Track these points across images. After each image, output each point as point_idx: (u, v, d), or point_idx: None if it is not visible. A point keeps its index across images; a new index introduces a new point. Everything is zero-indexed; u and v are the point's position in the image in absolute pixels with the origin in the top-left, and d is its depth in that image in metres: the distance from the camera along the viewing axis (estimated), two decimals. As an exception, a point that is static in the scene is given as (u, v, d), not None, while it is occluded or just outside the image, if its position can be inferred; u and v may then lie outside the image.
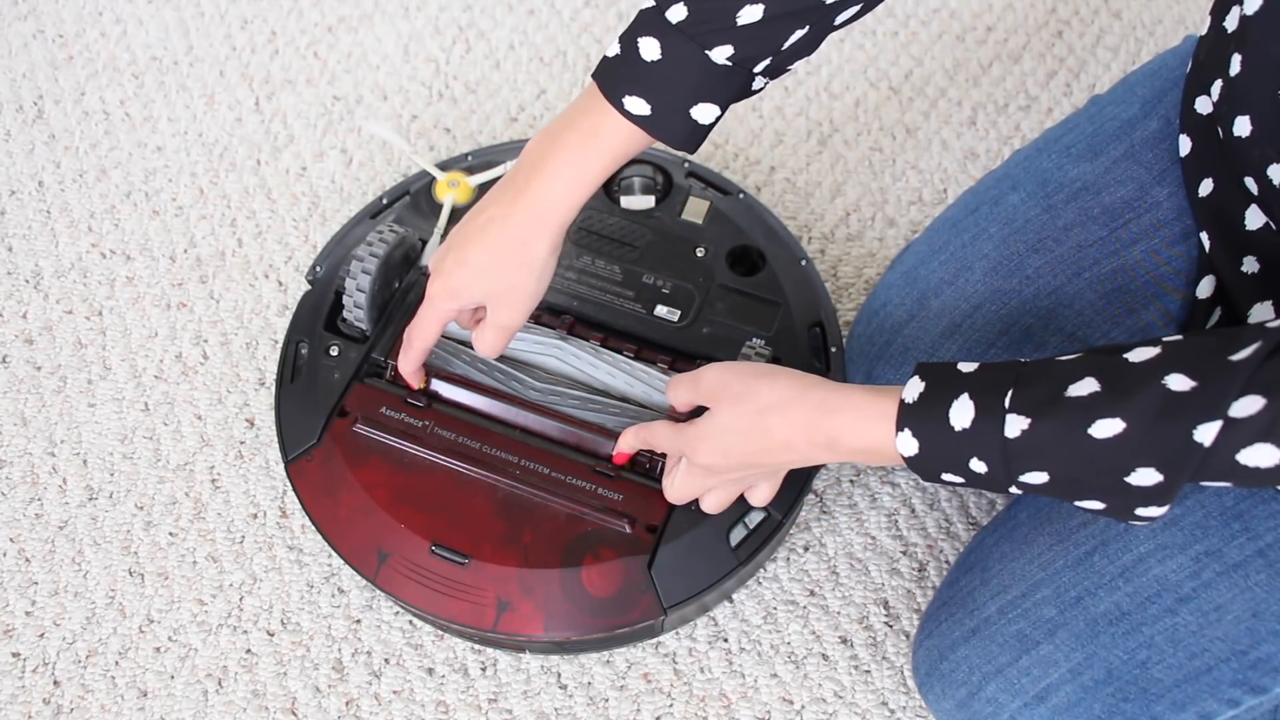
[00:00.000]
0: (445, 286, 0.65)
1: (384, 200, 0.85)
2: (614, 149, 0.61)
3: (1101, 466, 0.48)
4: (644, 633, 0.75)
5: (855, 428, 0.55)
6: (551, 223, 0.62)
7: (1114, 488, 0.48)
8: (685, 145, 0.61)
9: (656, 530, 0.70)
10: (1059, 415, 0.48)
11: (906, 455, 0.53)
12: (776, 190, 1.02)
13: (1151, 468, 0.47)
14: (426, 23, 1.13)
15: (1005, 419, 0.50)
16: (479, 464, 0.72)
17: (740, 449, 0.59)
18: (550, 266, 0.65)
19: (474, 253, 0.64)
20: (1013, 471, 0.50)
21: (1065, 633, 0.62)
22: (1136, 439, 0.47)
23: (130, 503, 0.86)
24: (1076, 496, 0.50)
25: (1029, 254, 0.72)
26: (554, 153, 0.61)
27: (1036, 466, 0.50)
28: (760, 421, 0.57)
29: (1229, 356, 0.45)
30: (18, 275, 0.97)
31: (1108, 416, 0.47)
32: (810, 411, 0.56)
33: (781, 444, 0.57)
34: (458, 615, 0.69)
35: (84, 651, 0.80)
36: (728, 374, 0.60)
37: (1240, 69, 0.57)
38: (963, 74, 1.09)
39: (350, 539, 0.71)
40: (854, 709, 0.77)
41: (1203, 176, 0.66)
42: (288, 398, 0.76)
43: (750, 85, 0.61)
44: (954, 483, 0.54)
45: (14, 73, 1.10)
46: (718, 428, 0.59)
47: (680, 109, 0.59)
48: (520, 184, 0.62)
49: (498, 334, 0.67)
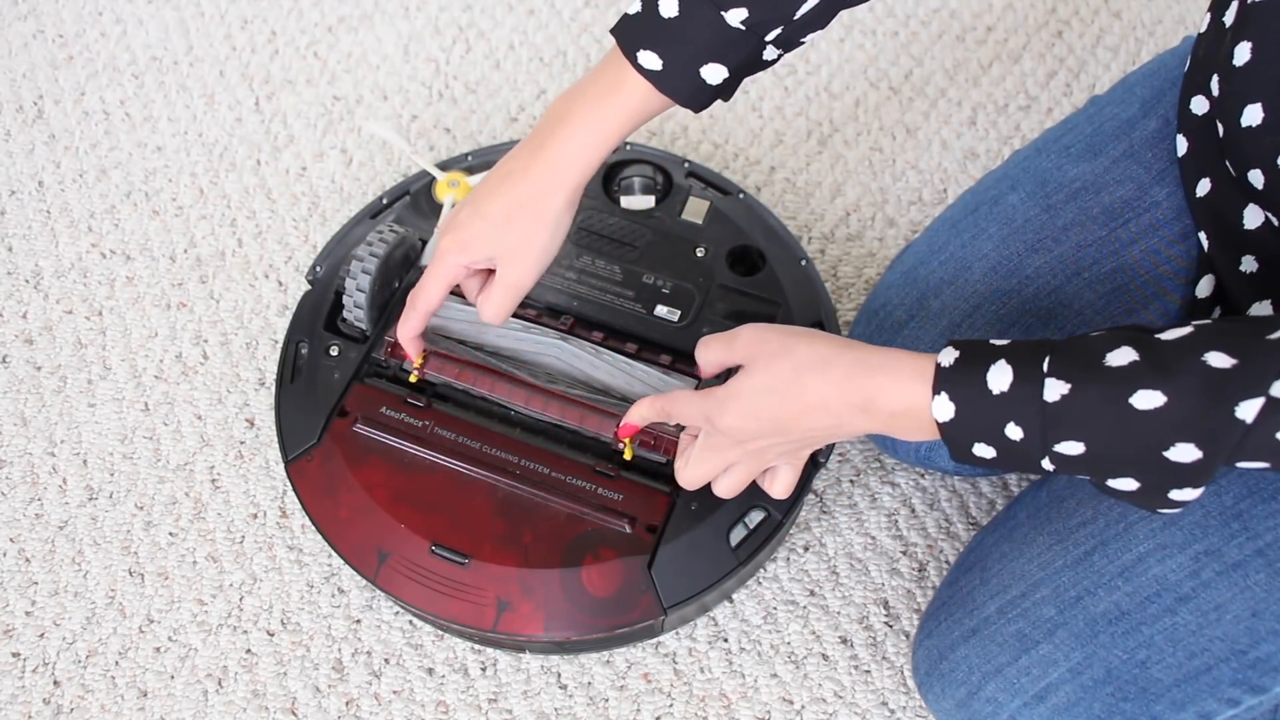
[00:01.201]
0: (457, 238, 0.64)
1: (384, 200, 0.85)
2: (630, 106, 0.62)
3: (1141, 440, 0.47)
4: (644, 633, 0.75)
5: (893, 388, 0.54)
6: (569, 178, 0.63)
7: (1151, 463, 0.48)
8: (690, 103, 0.62)
9: (656, 530, 0.70)
10: (1099, 382, 0.48)
11: (941, 421, 0.52)
12: (776, 190, 1.02)
13: (1191, 444, 0.46)
14: (426, 23, 1.13)
15: (1044, 383, 0.49)
16: (479, 464, 0.72)
17: (773, 409, 0.57)
18: (565, 225, 0.64)
19: (490, 204, 0.64)
20: (1049, 440, 0.50)
21: (1065, 632, 0.62)
22: (1178, 413, 0.46)
23: (130, 503, 0.86)
24: (1111, 473, 0.50)
25: (1028, 254, 0.72)
26: (574, 110, 0.62)
27: (1074, 435, 0.49)
28: (797, 379, 0.56)
29: (1267, 336, 0.45)
30: (18, 275, 0.97)
31: (1149, 388, 0.47)
32: (848, 370, 0.55)
33: (818, 403, 0.55)
34: (458, 615, 0.69)
35: (84, 651, 0.80)
36: (765, 331, 0.59)
37: (1250, 56, 0.56)
38: (963, 74, 1.09)
39: (350, 539, 0.71)
40: (854, 709, 0.77)
41: (1200, 176, 0.66)
42: (288, 398, 0.76)
43: (762, 54, 0.61)
44: (984, 459, 0.53)
45: (14, 73, 1.10)
46: (751, 386, 0.57)
47: (691, 67, 0.60)
48: (540, 140, 0.63)
49: (505, 294, 0.65)
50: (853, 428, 0.57)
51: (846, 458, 0.87)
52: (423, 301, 0.67)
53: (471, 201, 0.65)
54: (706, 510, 0.70)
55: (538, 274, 0.65)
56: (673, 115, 1.06)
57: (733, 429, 0.59)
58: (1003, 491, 0.86)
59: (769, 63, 0.63)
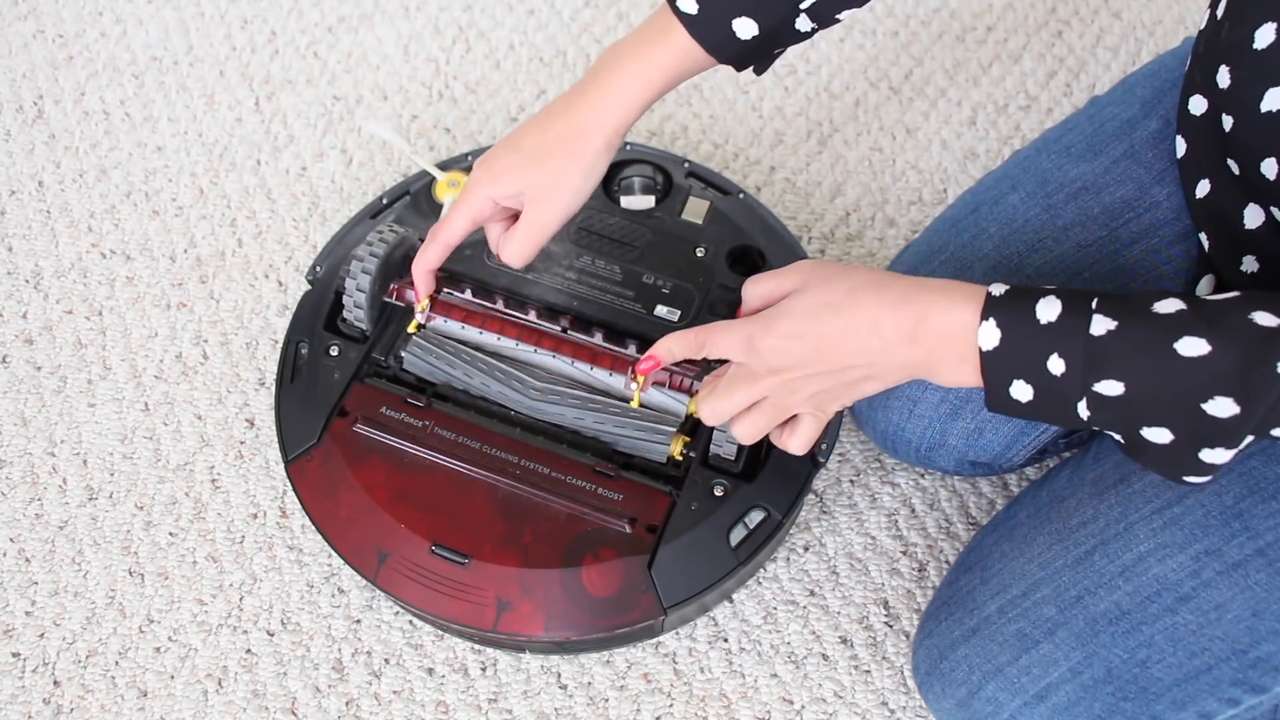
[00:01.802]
0: (488, 170, 0.65)
1: (384, 200, 0.85)
2: (670, 56, 0.64)
3: (1181, 386, 0.48)
4: (644, 633, 0.75)
5: (945, 305, 0.53)
6: (610, 120, 0.64)
7: (1188, 414, 0.48)
8: (718, 51, 0.64)
9: (656, 530, 0.70)
10: (1146, 324, 0.48)
11: (986, 349, 0.52)
12: (776, 190, 1.02)
13: (1230, 398, 0.47)
14: (426, 23, 1.13)
15: (1092, 318, 0.50)
16: (479, 464, 0.72)
17: (821, 327, 0.56)
18: (599, 170, 0.65)
19: (527, 139, 0.65)
20: (1089, 378, 0.50)
21: (1065, 632, 0.62)
22: (1221, 364, 0.47)
23: (130, 503, 0.86)
24: (1146, 420, 0.50)
25: (1029, 254, 0.72)
26: (619, 57, 0.64)
27: (1115, 374, 0.49)
28: (851, 295, 0.56)
29: None
30: (18, 275, 0.97)
31: (1195, 335, 0.47)
32: (904, 290, 0.55)
33: (868, 322, 0.55)
34: (458, 615, 0.69)
35: (84, 651, 0.80)
36: (821, 262, 0.59)
37: (1276, 38, 0.55)
38: (963, 74, 1.09)
39: (350, 539, 0.71)
40: (854, 709, 0.77)
41: (1200, 178, 0.66)
42: (288, 398, 0.76)
43: (795, 21, 0.63)
44: (1020, 402, 0.52)
45: (14, 73, 1.10)
46: (804, 303, 0.57)
47: (724, 17, 0.62)
48: (584, 85, 0.65)
49: (529, 235, 0.65)
50: (895, 358, 0.56)
51: (846, 458, 0.87)
52: (445, 233, 0.67)
53: (509, 138, 0.66)
54: (706, 510, 0.70)
55: (565, 217, 0.65)
56: (673, 115, 1.06)
57: (775, 350, 0.57)
58: (1003, 491, 0.86)
59: (802, 34, 0.64)
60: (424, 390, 0.75)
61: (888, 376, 0.57)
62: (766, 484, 0.71)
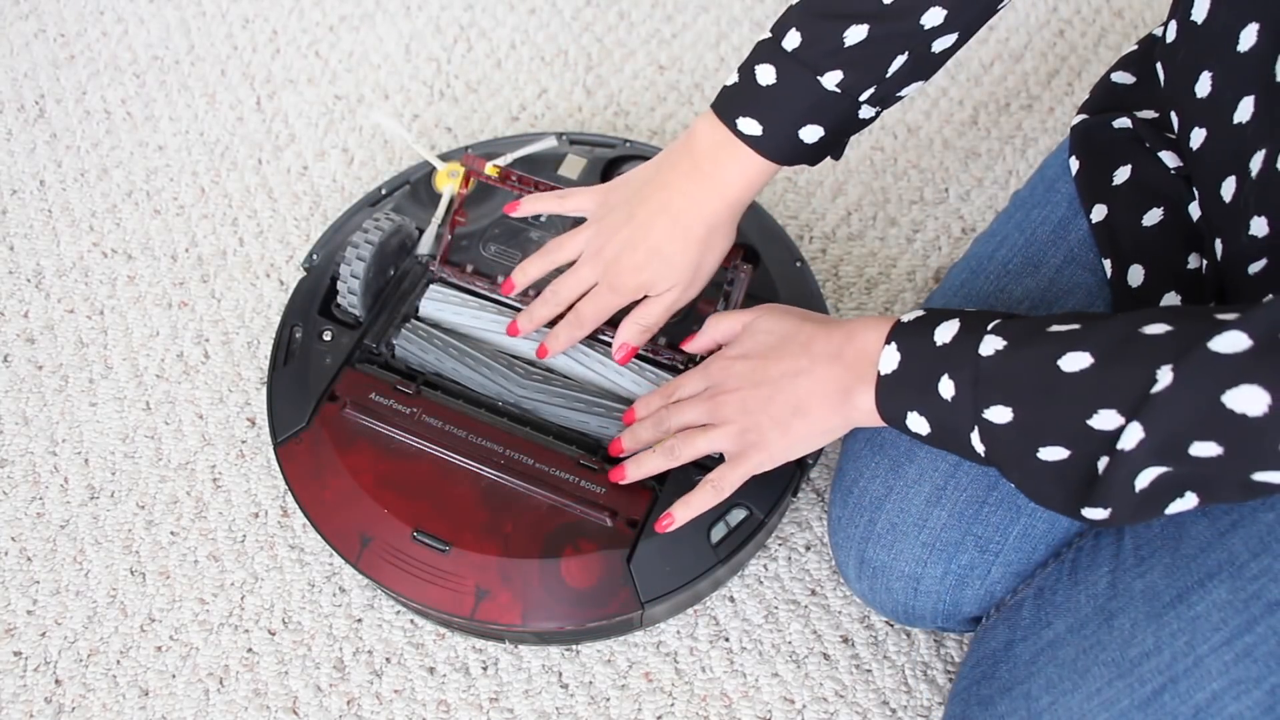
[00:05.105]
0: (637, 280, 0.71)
1: (383, 190, 0.86)
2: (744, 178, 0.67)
3: (1064, 403, 0.47)
4: (622, 626, 0.75)
5: (861, 332, 0.58)
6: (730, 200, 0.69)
7: (1077, 432, 0.48)
8: (790, 161, 0.66)
9: (638, 525, 0.70)
10: (1034, 345, 0.49)
11: (884, 373, 0.55)
12: (777, 189, 1.02)
13: (1113, 409, 0.46)
14: (428, 22, 1.13)
15: (983, 338, 0.51)
16: (465, 452, 0.72)
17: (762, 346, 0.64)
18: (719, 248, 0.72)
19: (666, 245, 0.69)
20: (979, 401, 0.50)
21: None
22: (1099, 374, 0.46)
23: (132, 502, 0.86)
24: (1040, 440, 0.49)
25: None
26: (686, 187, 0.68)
27: (1002, 399, 0.49)
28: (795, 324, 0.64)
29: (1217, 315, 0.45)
30: (19, 274, 0.97)
31: (1078, 350, 0.47)
32: (839, 322, 0.62)
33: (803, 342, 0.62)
34: (436, 601, 0.70)
35: (85, 650, 0.80)
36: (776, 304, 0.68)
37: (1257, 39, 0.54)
38: (964, 73, 1.09)
39: (334, 522, 0.72)
40: (855, 708, 0.77)
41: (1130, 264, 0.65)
42: (280, 380, 0.77)
43: (858, 113, 0.65)
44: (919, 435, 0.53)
45: (15, 72, 1.10)
46: (753, 330, 0.66)
47: (789, 130, 0.64)
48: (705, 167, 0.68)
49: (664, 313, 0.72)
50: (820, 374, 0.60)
51: (848, 457, 0.87)
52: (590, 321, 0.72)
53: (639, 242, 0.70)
54: (689, 507, 0.71)
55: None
56: (674, 114, 1.06)
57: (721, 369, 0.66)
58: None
59: (866, 121, 0.66)
60: (414, 378, 0.75)
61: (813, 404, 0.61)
62: (750, 483, 0.71)
